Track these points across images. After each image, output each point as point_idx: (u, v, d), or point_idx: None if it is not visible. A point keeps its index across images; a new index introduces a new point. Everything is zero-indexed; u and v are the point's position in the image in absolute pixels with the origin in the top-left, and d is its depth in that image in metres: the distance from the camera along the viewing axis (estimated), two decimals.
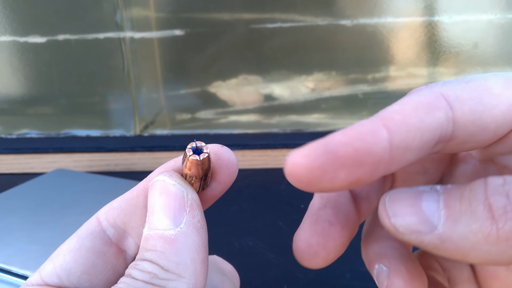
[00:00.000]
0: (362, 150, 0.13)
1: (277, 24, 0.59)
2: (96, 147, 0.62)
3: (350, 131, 0.13)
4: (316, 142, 0.13)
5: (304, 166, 0.13)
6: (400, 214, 0.14)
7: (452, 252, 0.13)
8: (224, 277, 0.21)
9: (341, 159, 0.13)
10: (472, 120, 0.14)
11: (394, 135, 0.13)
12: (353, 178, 0.13)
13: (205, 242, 0.16)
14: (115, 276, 0.17)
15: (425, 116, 0.14)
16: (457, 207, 0.13)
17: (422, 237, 0.13)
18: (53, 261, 0.16)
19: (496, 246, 0.12)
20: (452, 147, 0.15)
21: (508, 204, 0.12)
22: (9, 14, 0.60)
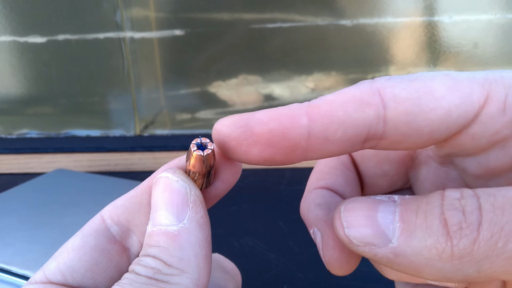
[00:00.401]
0: (277, 132, 0.14)
1: (277, 24, 0.59)
2: (96, 147, 0.62)
3: (273, 112, 0.14)
4: (241, 114, 0.14)
5: (223, 134, 0.14)
6: (354, 225, 0.14)
7: (406, 267, 0.13)
8: (227, 275, 0.21)
9: (255, 136, 0.14)
10: (405, 122, 0.14)
11: (315, 124, 0.14)
12: (266, 156, 0.14)
13: (208, 238, 0.16)
14: (119, 273, 0.17)
15: (353, 111, 0.14)
16: (413, 220, 0.13)
17: (376, 250, 0.13)
18: (57, 259, 0.16)
19: (450, 263, 0.12)
20: (386, 145, 0.15)
21: (464, 220, 0.12)
22: (9, 14, 0.60)
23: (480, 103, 0.14)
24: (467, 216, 0.12)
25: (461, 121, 0.14)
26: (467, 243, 0.12)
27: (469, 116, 0.14)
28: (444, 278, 0.12)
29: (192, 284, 0.15)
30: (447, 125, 0.14)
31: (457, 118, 0.14)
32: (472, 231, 0.12)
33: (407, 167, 0.19)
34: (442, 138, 0.14)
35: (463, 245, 0.12)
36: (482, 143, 0.14)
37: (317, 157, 0.14)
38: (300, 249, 0.42)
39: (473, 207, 0.12)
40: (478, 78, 0.14)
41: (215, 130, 0.15)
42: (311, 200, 0.18)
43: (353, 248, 0.14)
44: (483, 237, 0.11)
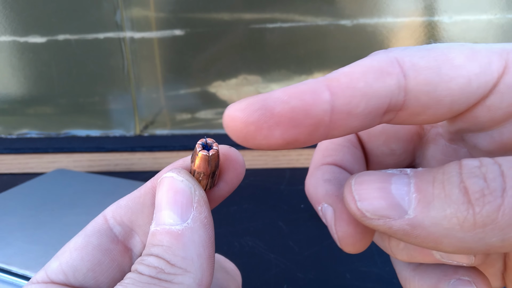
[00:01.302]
0: (300, 110, 0.13)
1: (277, 24, 0.59)
2: (96, 147, 0.62)
3: (291, 89, 0.13)
4: (255, 96, 0.13)
5: (239, 120, 0.13)
6: (367, 198, 0.13)
7: (423, 240, 0.12)
8: (228, 276, 0.21)
9: (276, 117, 0.13)
10: (426, 91, 0.13)
11: (337, 98, 0.13)
12: (289, 137, 0.13)
13: (211, 238, 0.16)
14: (121, 274, 0.17)
15: (373, 81, 0.13)
16: (430, 190, 0.12)
17: (391, 222, 0.12)
18: (59, 258, 0.16)
19: (472, 232, 0.11)
20: (404, 118, 0.14)
21: (486, 187, 0.11)
22: (9, 14, 0.60)
23: (499, 73, 0.13)
24: (490, 182, 0.11)
25: (480, 91, 0.13)
26: (491, 210, 0.11)
27: (488, 86, 0.13)
28: (465, 249, 0.12)
29: (195, 283, 0.15)
30: (467, 95, 0.13)
31: (477, 87, 0.13)
32: (496, 197, 0.11)
33: (415, 145, 0.19)
34: (461, 110, 0.14)
35: (487, 212, 0.11)
36: (498, 115, 0.14)
37: (340, 134, 0.13)
38: (300, 249, 0.42)
39: (495, 174, 0.11)
40: (495, 48, 0.14)
41: (228, 117, 0.13)
42: (319, 176, 0.17)
43: (366, 222, 0.13)
44: (508, 203, 0.11)
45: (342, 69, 0.13)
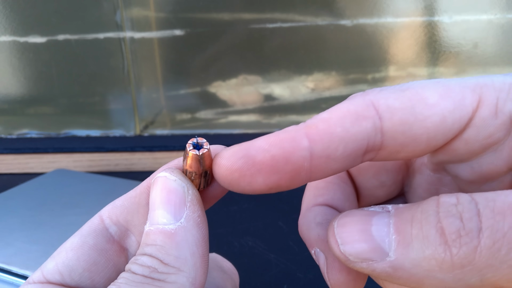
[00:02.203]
0: (280, 157, 0.13)
1: (277, 24, 0.59)
2: (96, 147, 0.62)
3: (272, 138, 0.14)
4: (240, 145, 0.14)
5: (224, 167, 0.14)
6: (349, 241, 0.13)
7: (406, 281, 0.12)
8: (225, 275, 0.21)
9: (258, 165, 0.13)
10: (401, 131, 0.14)
11: (315, 144, 0.13)
12: (271, 183, 0.14)
13: (205, 237, 0.16)
14: (116, 274, 0.17)
15: (350, 126, 0.13)
16: (408, 231, 0.12)
17: (374, 265, 0.13)
18: (55, 258, 0.16)
19: (452, 274, 0.11)
20: (385, 156, 0.15)
21: (462, 228, 0.11)
22: (9, 14, 0.60)
23: (473, 107, 0.14)
24: (466, 223, 0.11)
25: (456, 126, 0.14)
26: (467, 251, 0.11)
27: (464, 121, 0.14)
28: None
29: (188, 283, 0.15)
30: (443, 131, 0.14)
31: (452, 123, 0.14)
32: (472, 238, 0.11)
33: (403, 175, 0.19)
34: (438, 145, 0.14)
35: (464, 254, 0.11)
36: (476, 147, 0.15)
37: (321, 176, 0.14)
38: (300, 249, 0.42)
39: (471, 213, 0.11)
40: (468, 83, 0.14)
41: (216, 164, 0.14)
42: (311, 219, 0.17)
43: (351, 265, 0.13)
44: (484, 244, 0.11)
45: (321, 114, 0.14)
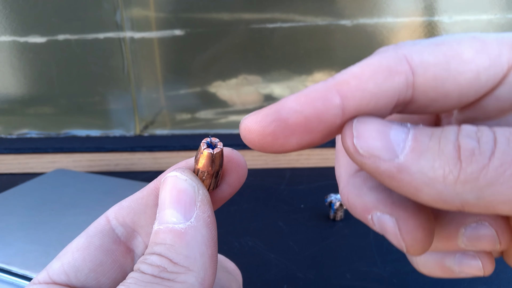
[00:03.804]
0: (313, 117, 0.13)
1: (277, 24, 0.59)
2: (96, 147, 0.62)
3: (303, 97, 0.13)
4: (269, 107, 0.13)
5: (256, 132, 0.13)
6: (365, 136, 0.13)
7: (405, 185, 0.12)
8: (230, 275, 0.21)
9: (291, 127, 0.13)
10: (434, 87, 0.14)
11: (348, 101, 0.13)
12: (304, 142, 0.14)
13: (214, 238, 0.16)
14: (122, 275, 0.17)
15: (383, 81, 0.13)
16: (426, 142, 0.12)
17: (380, 163, 0.13)
18: (61, 259, 0.16)
19: (452, 187, 0.12)
20: (412, 110, 0.14)
21: (477, 148, 0.12)
22: (9, 14, 0.60)
23: (509, 64, 0.14)
24: (482, 144, 0.12)
25: (489, 83, 0.14)
26: (475, 169, 0.12)
27: (498, 78, 0.14)
28: (440, 200, 0.12)
29: (197, 282, 0.15)
30: (475, 88, 0.14)
31: (486, 80, 0.14)
32: (484, 158, 0.12)
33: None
34: (469, 101, 0.14)
35: (471, 170, 0.12)
36: (506, 105, 0.14)
37: None
38: (300, 249, 0.41)
39: (488, 138, 0.12)
40: (506, 39, 0.14)
41: (245, 129, 0.14)
42: (359, 184, 0.16)
43: (356, 158, 0.13)
44: (493, 164, 0.11)
45: (351, 69, 0.14)
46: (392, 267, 0.38)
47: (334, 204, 0.46)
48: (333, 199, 0.46)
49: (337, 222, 0.46)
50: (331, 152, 0.61)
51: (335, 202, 0.46)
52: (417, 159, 0.12)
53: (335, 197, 0.47)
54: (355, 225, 0.46)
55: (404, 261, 0.39)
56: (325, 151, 0.61)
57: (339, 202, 0.46)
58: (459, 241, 0.16)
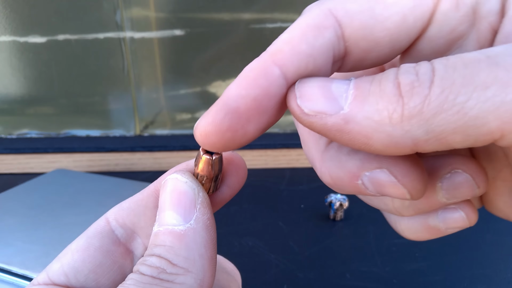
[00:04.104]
0: (261, 97, 0.13)
1: (277, 24, 0.59)
2: (96, 147, 0.62)
3: (244, 80, 0.13)
4: (215, 104, 0.13)
5: (213, 133, 0.13)
6: (308, 94, 0.13)
7: (355, 135, 0.12)
8: (229, 276, 0.21)
9: (245, 114, 0.13)
10: (363, 35, 0.13)
11: (287, 68, 0.13)
12: (263, 125, 0.13)
13: (214, 240, 0.16)
14: (121, 276, 0.17)
15: (314, 40, 0.13)
16: (367, 87, 0.12)
17: (327, 119, 0.13)
18: (61, 260, 0.16)
19: (400, 126, 0.12)
20: (351, 65, 0.14)
21: (416, 80, 0.12)
22: (9, 14, 0.60)
23: (433, 2, 0.14)
24: (420, 76, 0.12)
25: (418, 24, 0.14)
26: (418, 101, 0.11)
27: (425, 18, 0.14)
28: (392, 144, 0.12)
29: (196, 284, 0.15)
30: (405, 31, 0.14)
31: (414, 21, 0.14)
32: (424, 88, 0.11)
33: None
34: (403, 47, 0.14)
35: (414, 104, 0.11)
36: (440, 45, 0.14)
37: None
38: (300, 249, 0.42)
39: (426, 69, 0.12)
40: None
41: (202, 136, 0.13)
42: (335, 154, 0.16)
43: (303, 119, 0.13)
44: (433, 93, 0.11)
45: (281, 37, 0.14)
46: (392, 267, 0.38)
47: (334, 204, 0.46)
48: (333, 199, 0.46)
49: (337, 222, 0.46)
50: None
51: (335, 202, 0.46)
52: (361, 106, 0.12)
53: (335, 197, 0.47)
54: (355, 225, 0.46)
55: (404, 261, 0.39)
56: None
57: (339, 202, 0.46)
58: (438, 196, 0.16)
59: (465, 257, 0.40)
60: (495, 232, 0.44)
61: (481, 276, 0.37)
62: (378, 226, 0.45)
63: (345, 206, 0.46)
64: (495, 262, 0.39)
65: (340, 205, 0.46)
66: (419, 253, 0.40)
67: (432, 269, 0.38)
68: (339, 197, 0.46)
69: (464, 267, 0.39)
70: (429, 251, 0.41)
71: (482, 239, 0.43)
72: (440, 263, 0.39)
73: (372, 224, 0.46)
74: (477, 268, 0.38)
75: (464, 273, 0.38)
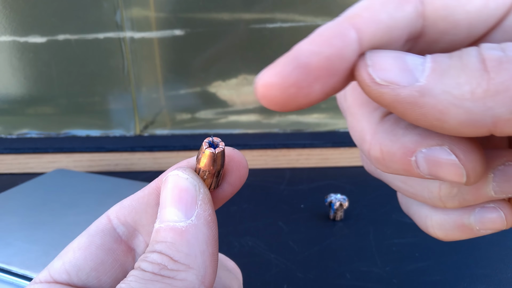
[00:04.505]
0: (334, 56, 0.12)
1: (277, 24, 0.59)
2: (96, 147, 0.62)
3: (318, 37, 0.12)
4: (285, 56, 0.12)
5: (277, 86, 0.12)
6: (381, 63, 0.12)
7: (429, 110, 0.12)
8: (230, 274, 0.21)
9: (314, 71, 0.12)
10: (443, 16, 0.13)
11: (363, 34, 0.12)
12: (329, 88, 0.13)
13: (215, 236, 0.16)
14: (123, 274, 0.17)
15: (394, 11, 0.12)
16: (446, 61, 0.12)
17: (400, 90, 0.12)
18: (63, 258, 0.16)
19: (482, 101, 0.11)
20: (422, 47, 0.14)
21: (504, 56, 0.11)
22: (9, 14, 0.60)
23: None
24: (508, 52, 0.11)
25: (498, 12, 0.13)
26: (506, 77, 0.11)
27: (506, 6, 0.13)
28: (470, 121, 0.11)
29: (197, 280, 0.15)
30: (484, 17, 0.13)
31: (495, 8, 0.13)
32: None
33: None
34: (478, 34, 0.14)
35: (501, 79, 0.11)
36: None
37: None
38: (300, 249, 0.42)
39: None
40: None
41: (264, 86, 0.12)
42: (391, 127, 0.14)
43: (373, 88, 0.12)
44: None
45: (361, 2, 0.13)
46: (392, 267, 0.38)
47: (334, 204, 0.46)
48: (333, 199, 0.46)
49: (337, 222, 0.46)
50: (330, 152, 0.61)
51: (335, 202, 0.46)
52: (440, 79, 0.11)
53: (335, 197, 0.47)
54: (355, 225, 0.46)
55: (404, 261, 0.39)
56: (325, 151, 0.61)
57: (339, 202, 0.46)
58: (487, 189, 0.15)
59: (465, 257, 0.40)
60: (495, 232, 0.44)
61: (481, 276, 0.37)
62: (378, 226, 0.45)
63: (345, 206, 0.46)
64: (495, 262, 0.39)
65: (340, 205, 0.46)
66: (419, 253, 0.40)
67: (432, 269, 0.38)
68: (339, 197, 0.46)
69: (464, 267, 0.39)
70: (429, 251, 0.41)
71: (482, 239, 0.43)
72: (440, 263, 0.39)
73: (372, 224, 0.46)
74: (477, 268, 0.38)
75: (464, 273, 0.38)
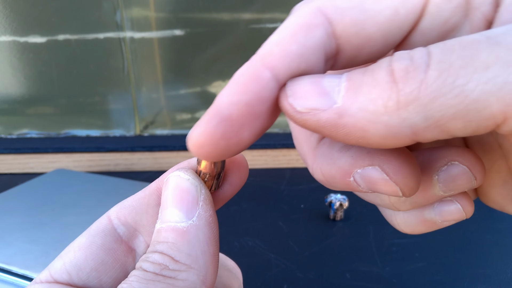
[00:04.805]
0: (253, 102, 0.12)
1: (277, 24, 0.59)
2: (96, 147, 0.62)
3: (235, 86, 0.13)
4: (206, 113, 0.13)
5: (207, 143, 0.13)
6: (299, 92, 0.12)
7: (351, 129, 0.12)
8: (231, 273, 0.21)
9: (238, 121, 0.12)
10: (354, 32, 0.13)
11: (278, 71, 0.13)
12: (257, 130, 0.13)
13: (216, 237, 0.16)
14: (124, 274, 0.17)
15: (304, 39, 0.13)
16: (359, 78, 0.12)
17: (320, 114, 0.12)
18: (63, 258, 0.16)
19: (396, 114, 0.11)
20: (345, 63, 0.14)
21: (411, 65, 0.11)
22: (9, 14, 0.60)
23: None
24: (415, 60, 0.11)
25: (410, 17, 0.13)
26: (413, 86, 0.11)
27: (417, 10, 0.13)
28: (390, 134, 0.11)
29: (199, 280, 0.15)
30: (397, 25, 0.13)
31: (406, 14, 0.13)
32: (419, 73, 0.11)
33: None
34: (395, 42, 0.14)
35: (409, 89, 0.11)
36: (433, 37, 0.14)
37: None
38: (300, 249, 0.42)
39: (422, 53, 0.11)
40: None
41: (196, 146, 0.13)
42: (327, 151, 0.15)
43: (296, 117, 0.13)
44: (430, 76, 0.11)
45: (270, 39, 0.13)
46: (392, 267, 0.38)
47: (334, 204, 0.46)
48: (333, 199, 0.46)
49: (337, 222, 0.46)
50: None
51: (335, 202, 0.46)
52: (355, 97, 0.12)
53: (335, 197, 0.47)
54: (355, 225, 0.46)
55: (404, 261, 0.39)
56: None
57: (339, 202, 0.46)
58: (435, 190, 0.16)
59: (465, 257, 0.40)
60: (495, 232, 0.44)
61: (481, 276, 0.37)
62: (378, 226, 0.45)
63: (345, 206, 0.46)
64: (495, 262, 0.39)
65: (340, 205, 0.46)
66: (419, 253, 0.40)
67: (432, 269, 0.38)
68: (339, 197, 0.46)
69: (464, 267, 0.39)
70: (429, 251, 0.41)
71: (482, 239, 0.43)
72: (440, 263, 0.39)
73: (372, 224, 0.46)
74: (477, 268, 0.38)
75: (464, 273, 0.38)
